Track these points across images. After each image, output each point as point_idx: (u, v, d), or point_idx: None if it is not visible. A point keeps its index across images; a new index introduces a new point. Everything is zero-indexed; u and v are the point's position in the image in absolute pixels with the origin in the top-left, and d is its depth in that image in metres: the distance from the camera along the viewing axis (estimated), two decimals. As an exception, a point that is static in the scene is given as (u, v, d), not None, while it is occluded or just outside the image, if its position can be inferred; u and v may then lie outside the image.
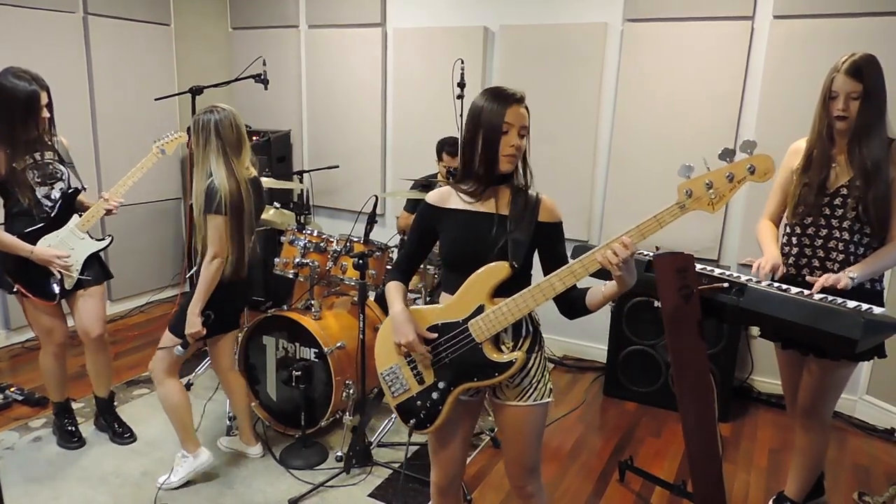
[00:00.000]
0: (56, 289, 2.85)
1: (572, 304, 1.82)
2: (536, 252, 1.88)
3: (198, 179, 2.67)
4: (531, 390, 1.87)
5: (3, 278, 2.84)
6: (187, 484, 2.83)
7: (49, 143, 2.86)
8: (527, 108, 1.80)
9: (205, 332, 2.70)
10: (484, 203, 1.86)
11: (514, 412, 1.89)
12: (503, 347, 1.84)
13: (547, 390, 1.90)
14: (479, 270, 1.79)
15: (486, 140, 1.77)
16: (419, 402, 1.91)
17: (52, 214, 2.85)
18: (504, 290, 1.79)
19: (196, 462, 2.82)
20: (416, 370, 1.91)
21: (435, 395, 1.88)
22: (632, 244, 1.62)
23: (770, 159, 1.56)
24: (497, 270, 1.78)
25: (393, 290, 1.95)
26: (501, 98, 1.77)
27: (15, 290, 2.83)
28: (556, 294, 1.74)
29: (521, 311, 1.76)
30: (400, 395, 1.94)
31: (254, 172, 2.79)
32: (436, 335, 1.85)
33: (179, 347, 2.69)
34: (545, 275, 1.79)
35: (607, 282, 1.73)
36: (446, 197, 1.90)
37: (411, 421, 1.93)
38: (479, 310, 1.80)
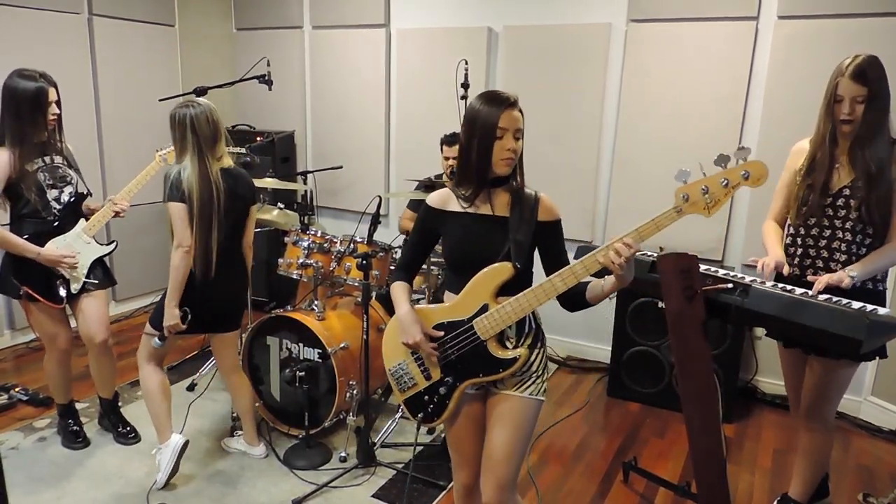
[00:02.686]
0: (62, 292, 2.86)
1: (574, 298, 1.85)
2: (537, 250, 1.91)
3: None
4: (530, 383, 1.90)
5: (9, 282, 2.84)
6: (189, 483, 2.83)
7: (58, 146, 2.87)
8: (521, 111, 1.82)
9: (184, 327, 2.72)
10: (483, 206, 1.88)
11: (509, 402, 1.90)
12: (507, 343, 1.89)
13: (543, 388, 1.93)
14: (483, 271, 1.83)
15: (481, 144, 1.79)
16: (427, 397, 1.98)
17: (60, 217, 2.85)
18: (506, 289, 1.83)
19: (170, 448, 2.79)
20: (422, 366, 1.97)
21: (442, 390, 1.94)
22: (634, 244, 1.66)
23: (764, 166, 1.59)
24: (500, 271, 1.82)
25: (398, 290, 2.00)
26: (496, 102, 1.78)
27: (21, 293, 2.82)
28: (559, 294, 1.78)
29: (525, 310, 1.81)
30: (408, 391, 2.01)
31: (228, 162, 2.73)
32: (442, 333, 1.90)
33: (157, 340, 2.73)
34: (546, 271, 1.85)
35: (607, 277, 1.78)
36: (447, 199, 1.94)
37: (419, 415, 1.99)
38: (484, 309, 1.85)
